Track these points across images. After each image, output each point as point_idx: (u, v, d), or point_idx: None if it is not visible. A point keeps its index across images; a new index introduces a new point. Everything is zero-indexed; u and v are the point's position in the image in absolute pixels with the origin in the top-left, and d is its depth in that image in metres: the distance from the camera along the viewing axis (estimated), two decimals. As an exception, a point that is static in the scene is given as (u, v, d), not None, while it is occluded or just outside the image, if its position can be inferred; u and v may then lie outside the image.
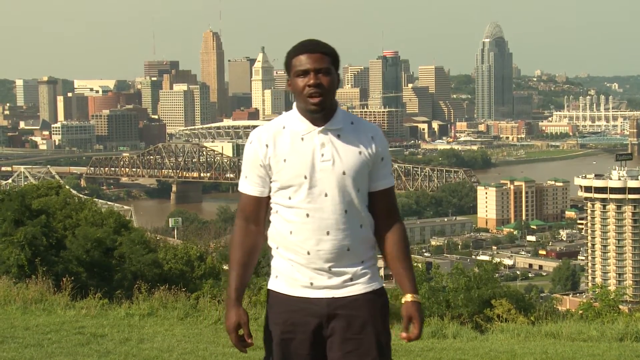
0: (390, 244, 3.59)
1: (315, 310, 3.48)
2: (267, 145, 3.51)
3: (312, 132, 3.49)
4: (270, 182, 3.54)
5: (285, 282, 3.53)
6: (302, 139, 3.49)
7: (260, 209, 3.59)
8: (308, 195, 3.46)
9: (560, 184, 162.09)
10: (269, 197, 3.58)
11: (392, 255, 3.59)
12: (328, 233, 3.46)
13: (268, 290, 3.61)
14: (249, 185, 3.58)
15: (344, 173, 3.46)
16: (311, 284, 3.49)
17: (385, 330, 3.54)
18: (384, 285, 3.62)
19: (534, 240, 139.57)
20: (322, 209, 3.46)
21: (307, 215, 3.46)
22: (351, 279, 3.50)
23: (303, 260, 3.48)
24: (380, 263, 3.79)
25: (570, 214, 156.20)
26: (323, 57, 3.48)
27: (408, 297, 3.55)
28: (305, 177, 3.46)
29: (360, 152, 3.49)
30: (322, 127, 3.49)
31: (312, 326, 3.48)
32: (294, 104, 3.58)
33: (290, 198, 3.49)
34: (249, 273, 3.63)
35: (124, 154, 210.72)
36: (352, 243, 3.49)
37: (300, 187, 3.47)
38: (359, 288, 3.50)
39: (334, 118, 3.52)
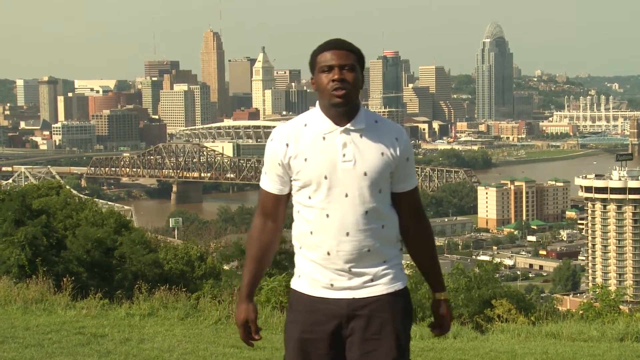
0: (417, 244, 3.61)
1: (335, 310, 3.47)
2: (287, 145, 3.50)
3: (334, 132, 3.47)
4: (291, 180, 3.53)
5: (307, 282, 3.53)
6: (324, 138, 3.47)
7: (278, 206, 3.60)
8: (328, 196, 3.44)
9: (561, 184, 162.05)
10: (288, 195, 3.57)
11: (419, 255, 3.62)
12: (348, 234, 3.44)
13: (291, 289, 3.61)
14: (268, 182, 3.59)
15: (365, 174, 3.44)
16: (331, 285, 3.48)
17: (405, 331, 3.53)
18: (407, 285, 3.61)
19: (535, 240, 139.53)
20: (342, 209, 3.44)
21: (327, 215, 3.45)
22: (372, 280, 3.48)
23: (323, 260, 3.47)
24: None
25: (570, 214, 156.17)
26: (348, 54, 3.47)
27: (438, 296, 3.63)
28: (326, 177, 3.44)
29: (382, 153, 3.47)
30: (345, 126, 3.46)
31: (331, 327, 3.48)
32: (317, 102, 3.55)
33: (310, 197, 3.47)
34: (263, 269, 3.65)
35: (125, 154, 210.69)
36: (372, 244, 3.47)
37: (320, 186, 3.45)
38: (380, 289, 3.49)
39: (357, 117, 3.48)
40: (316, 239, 3.47)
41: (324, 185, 3.44)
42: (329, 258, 3.46)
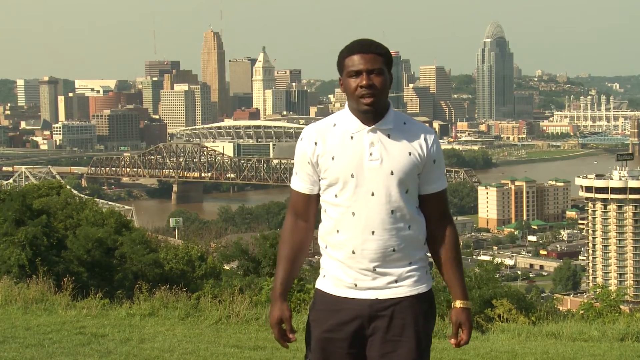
0: (441, 248, 3.58)
1: (358, 311, 3.47)
2: (315, 143, 3.51)
3: (362, 131, 3.47)
4: (320, 179, 3.53)
5: (331, 282, 3.53)
6: (352, 137, 3.48)
7: (309, 206, 3.60)
8: (354, 194, 3.45)
9: (561, 184, 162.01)
10: (319, 195, 3.57)
11: (443, 260, 3.59)
12: (373, 233, 3.44)
13: (315, 289, 3.62)
14: (299, 181, 3.59)
15: (391, 173, 3.44)
16: (355, 284, 3.48)
17: (427, 334, 3.53)
18: (431, 288, 3.58)
19: (535, 240, 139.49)
20: (368, 208, 3.44)
21: (353, 214, 3.45)
22: (396, 281, 3.48)
23: (348, 259, 3.47)
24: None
25: (571, 214, 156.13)
26: (376, 58, 3.46)
27: (457, 304, 3.58)
28: (353, 176, 3.44)
29: (410, 153, 3.47)
30: (372, 126, 3.47)
31: (353, 327, 3.48)
32: (347, 103, 3.55)
33: (336, 196, 3.48)
34: (296, 268, 3.64)
35: (125, 154, 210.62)
36: (398, 244, 3.46)
37: (346, 185, 3.45)
38: (403, 290, 3.48)
39: (385, 118, 3.49)
40: (342, 237, 3.47)
41: (351, 184, 3.45)
42: (353, 257, 3.46)
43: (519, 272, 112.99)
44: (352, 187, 3.44)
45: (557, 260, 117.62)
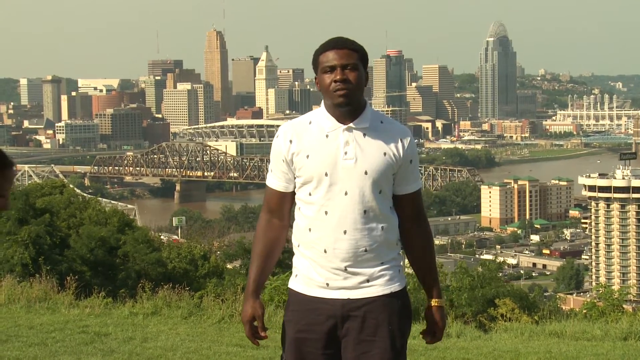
0: (415, 248, 3.57)
1: (330, 310, 3.46)
2: (290, 141, 3.50)
3: (337, 130, 3.46)
4: (295, 177, 3.53)
5: (303, 281, 3.52)
6: (327, 135, 3.46)
7: (284, 203, 3.59)
8: (327, 193, 3.44)
9: (564, 183, 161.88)
10: (294, 193, 3.57)
11: (416, 260, 3.58)
12: (345, 232, 3.42)
13: (288, 288, 3.61)
14: (273, 179, 3.58)
15: (365, 173, 3.42)
16: (327, 284, 3.46)
17: (402, 333, 3.50)
18: (405, 287, 3.57)
19: (538, 239, 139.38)
20: (340, 207, 3.43)
21: (326, 212, 3.44)
22: (367, 280, 3.46)
23: (320, 258, 3.46)
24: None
25: (574, 213, 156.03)
26: (350, 53, 3.45)
27: (431, 302, 3.57)
28: (326, 174, 3.43)
29: (385, 153, 3.45)
30: (348, 124, 3.46)
31: (326, 326, 3.46)
32: (322, 102, 3.55)
33: (310, 194, 3.47)
34: (269, 266, 3.62)
35: (128, 153, 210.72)
36: (370, 244, 3.44)
37: (320, 183, 3.44)
38: (375, 290, 3.46)
39: (362, 116, 3.47)
40: (314, 236, 3.46)
41: (325, 182, 3.43)
42: (325, 256, 3.44)
43: (521, 272, 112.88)
44: (325, 185, 3.43)
45: (560, 260, 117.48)
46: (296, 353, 3.51)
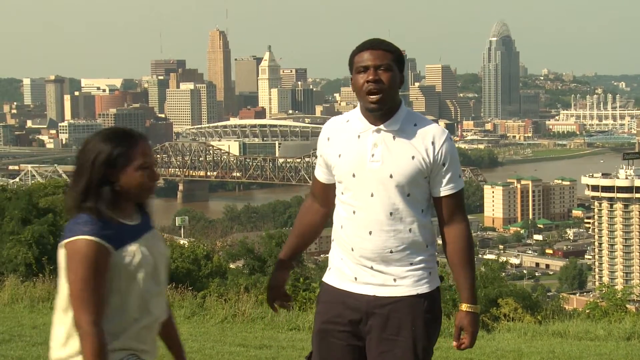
0: (450, 250, 3.55)
1: (356, 305, 3.48)
2: (328, 139, 3.57)
3: (367, 131, 3.47)
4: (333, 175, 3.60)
5: (335, 274, 3.57)
6: (359, 136, 3.48)
7: (325, 193, 3.68)
8: (355, 193, 3.46)
9: (567, 183, 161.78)
10: (332, 186, 3.64)
11: (451, 262, 3.56)
12: (371, 233, 3.44)
13: (321, 281, 3.68)
14: (317, 170, 3.69)
15: (390, 176, 3.41)
16: (355, 278, 3.50)
17: (427, 337, 3.49)
18: (436, 290, 3.53)
19: (541, 239, 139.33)
20: (367, 208, 3.44)
21: (354, 212, 3.47)
22: (394, 280, 3.46)
23: (349, 255, 3.50)
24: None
25: (577, 213, 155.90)
26: (385, 54, 3.44)
27: (462, 307, 3.53)
28: (354, 175, 3.45)
29: (413, 157, 3.42)
30: (378, 126, 3.46)
31: (351, 319, 3.48)
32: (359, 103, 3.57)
33: (342, 193, 3.52)
34: (301, 244, 3.78)
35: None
36: (396, 246, 3.44)
37: (349, 184, 3.47)
38: (401, 290, 3.46)
39: (393, 118, 3.46)
40: (344, 233, 3.51)
41: (352, 183, 3.46)
42: (352, 254, 3.48)
43: (524, 271, 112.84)
44: (353, 186, 3.46)
45: (563, 259, 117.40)
46: (321, 343, 3.54)
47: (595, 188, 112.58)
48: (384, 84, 3.41)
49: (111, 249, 3.08)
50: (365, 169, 3.43)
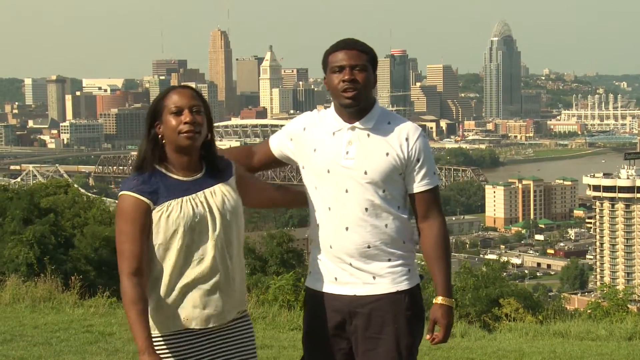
0: (425, 245, 3.57)
1: (338, 306, 3.49)
2: (304, 128, 3.59)
3: (342, 129, 3.50)
4: (301, 167, 3.60)
5: (315, 278, 3.58)
6: (334, 134, 3.51)
7: (265, 159, 3.73)
8: (330, 190, 3.48)
9: (569, 183, 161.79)
10: (275, 159, 3.71)
11: (427, 256, 3.57)
12: (347, 229, 3.46)
13: (304, 286, 3.69)
14: (276, 140, 3.69)
15: (365, 173, 3.44)
16: (335, 279, 3.51)
17: (408, 332, 3.49)
18: (416, 286, 3.55)
19: (542, 239, 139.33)
20: (342, 204, 3.46)
21: (329, 208, 3.49)
22: (373, 278, 3.48)
23: (328, 254, 3.51)
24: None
25: (578, 213, 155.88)
26: (360, 54, 3.48)
27: (436, 300, 3.53)
28: (328, 171, 3.48)
29: (387, 154, 3.45)
30: (352, 124, 3.49)
31: (335, 322, 3.50)
32: (332, 102, 3.59)
33: (316, 188, 3.53)
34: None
35: (133, 153, 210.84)
36: (373, 241, 3.46)
37: (323, 180, 3.50)
38: (381, 288, 3.48)
39: (367, 116, 3.50)
40: (321, 232, 3.52)
41: (327, 179, 3.48)
42: (331, 251, 3.49)
43: (526, 271, 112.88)
44: (328, 182, 3.48)
45: (564, 259, 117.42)
46: (309, 347, 3.57)
47: (596, 188, 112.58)
48: (360, 83, 3.45)
49: (150, 204, 3.19)
50: (340, 166, 3.46)
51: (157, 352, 3.15)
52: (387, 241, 3.48)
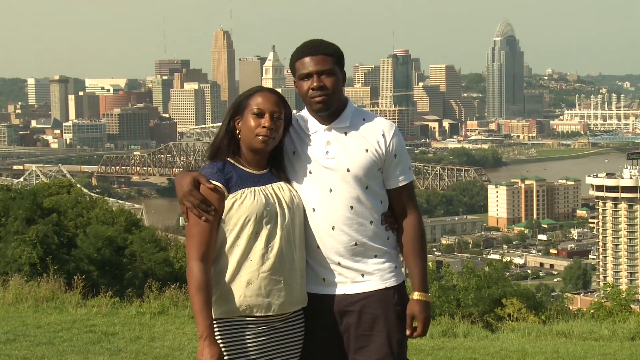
0: (404, 240, 3.60)
1: (328, 306, 3.52)
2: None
3: (319, 131, 3.54)
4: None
5: (306, 280, 3.58)
6: (310, 136, 3.55)
7: None
8: (314, 190, 3.50)
9: (572, 183, 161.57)
10: None
11: (405, 251, 3.60)
12: (333, 228, 3.49)
13: None
14: None
15: (348, 170, 3.48)
16: (324, 279, 3.53)
17: (399, 328, 3.53)
18: (403, 283, 3.60)
19: (545, 239, 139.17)
20: (327, 204, 3.49)
21: (313, 209, 3.51)
22: (362, 275, 3.51)
23: (315, 255, 3.52)
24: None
25: (581, 213, 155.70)
26: (325, 59, 3.51)
27: (413, 295, 3.57)
28: (310, 172, 3.51)
29: (367, 150, 3.50)
30: (328, 125, 3.53)
31: (326, 322, 3.52)
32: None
33: (298, 190, 3.55)
34: None
35: (135, 153, 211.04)
36: (359, 238, 3.49)
37: (305, 181, 3.52)
38: (370, 285, 3.51)
39: (342, 116, 3.54)
40: (307, 233, 3.53)
41: (310, 181, 3.51)
42: (319, 252, 3.51)
43: (529, 271, 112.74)
44: (311, 183, 3.51)
45: (567, 259, 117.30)
46: (302, 350, 3.57)
47: (599, 188, 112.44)
48: (329, 89, 3.50)
49: (224, 190, 3.36)
50: (321, 166, 3.49)
51: (220, 335, 3.31)
52: (374, 238, 3.52)
